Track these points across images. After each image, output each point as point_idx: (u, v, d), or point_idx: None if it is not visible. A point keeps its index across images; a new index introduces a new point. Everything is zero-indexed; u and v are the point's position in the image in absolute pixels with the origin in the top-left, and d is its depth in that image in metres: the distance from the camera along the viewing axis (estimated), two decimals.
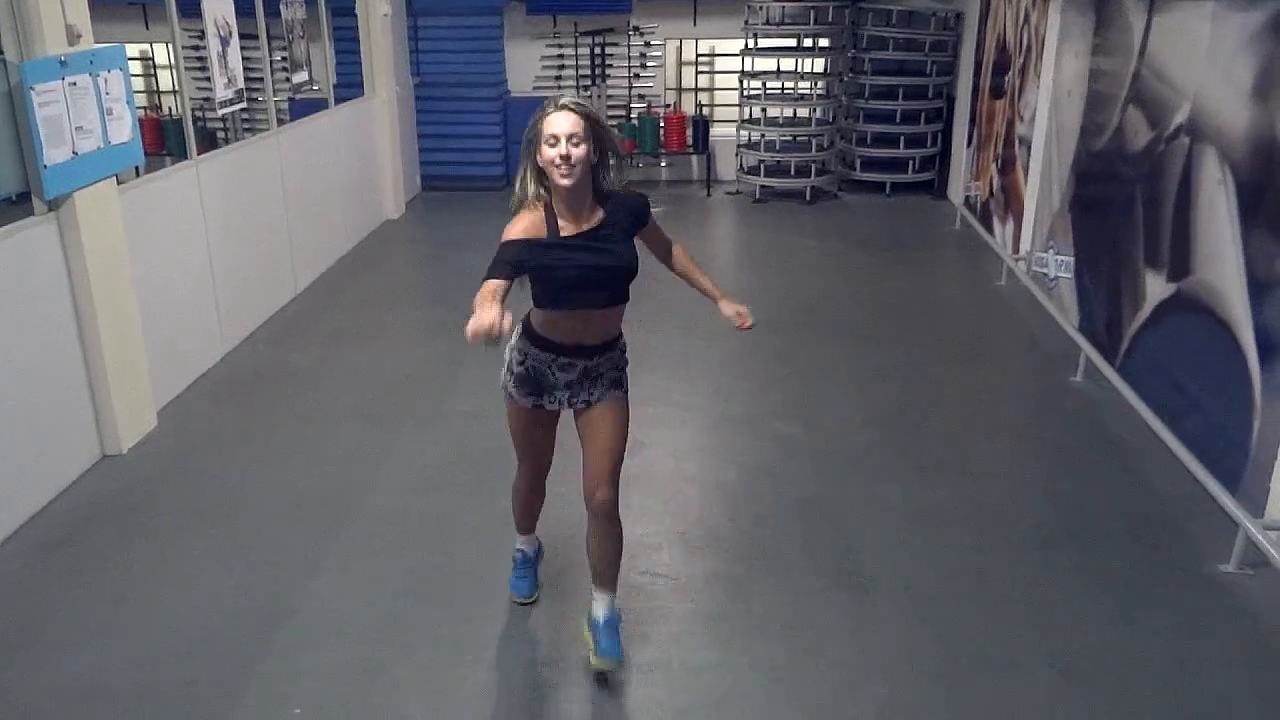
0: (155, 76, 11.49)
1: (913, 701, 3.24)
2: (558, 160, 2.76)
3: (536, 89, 10.99)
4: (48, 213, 4.45)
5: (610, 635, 3.18)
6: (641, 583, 3.79)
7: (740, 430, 5.21)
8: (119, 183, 4.93)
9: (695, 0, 10.74)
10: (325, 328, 6.75)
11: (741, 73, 10.46)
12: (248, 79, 6.84)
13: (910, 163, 10.43)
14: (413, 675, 3.36)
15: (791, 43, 10.36)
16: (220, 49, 6.27)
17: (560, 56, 10.95)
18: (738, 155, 10.67)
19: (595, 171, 2.90)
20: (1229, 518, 3.99)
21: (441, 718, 3.19)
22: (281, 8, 7.80)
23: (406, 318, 7.24)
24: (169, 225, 5.60)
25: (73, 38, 4.43)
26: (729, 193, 10.76)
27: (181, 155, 6.05)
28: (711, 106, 11.28)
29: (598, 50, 10.78)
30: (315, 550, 4.07)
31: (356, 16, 9.14)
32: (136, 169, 5.46)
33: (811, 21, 10.04)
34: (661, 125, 10.77)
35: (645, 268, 3.11)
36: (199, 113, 7.83)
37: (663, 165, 11.21)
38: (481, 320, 2.45)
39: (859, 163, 10.62)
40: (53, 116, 4.29)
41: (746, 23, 10.21)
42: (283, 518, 4.34)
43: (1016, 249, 7.61)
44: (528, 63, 10.98)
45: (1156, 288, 5.08)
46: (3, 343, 4.16)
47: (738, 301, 3.26)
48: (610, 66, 10.90)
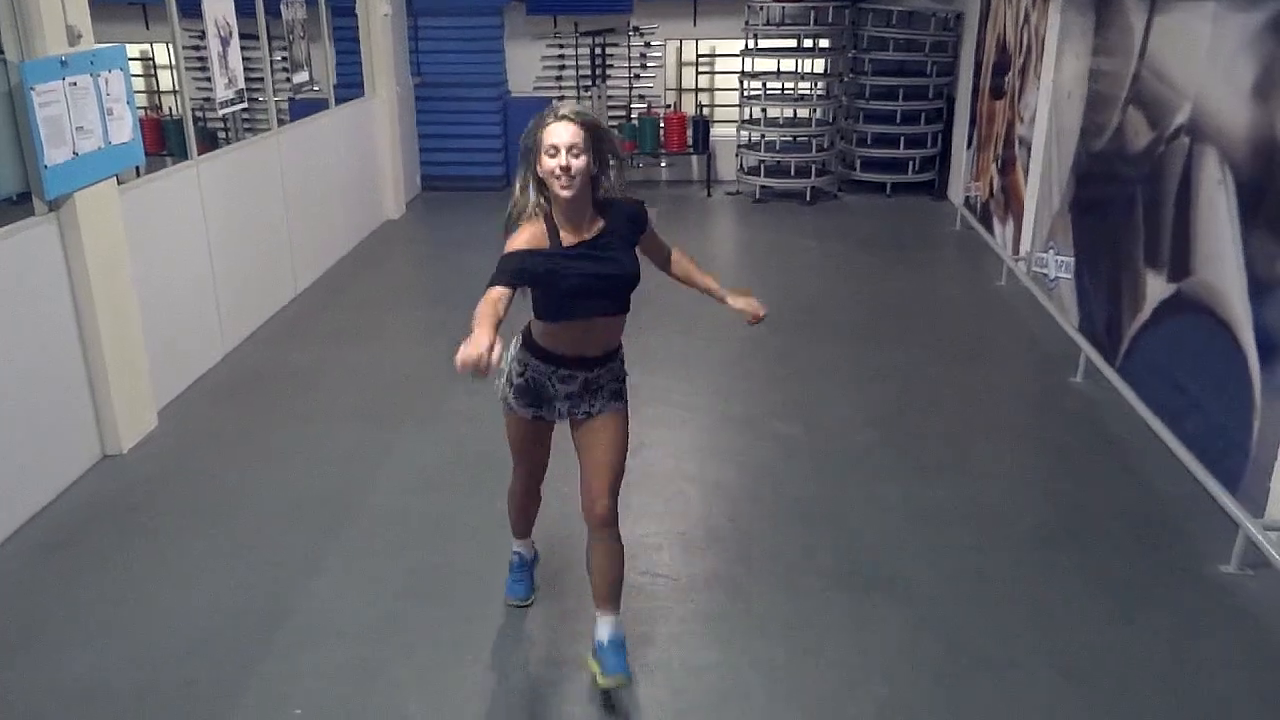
0: (156, 76, 11.49)
1: (913, 701, 3.24)
2: (558, 172, 2.74)
3: (537, 89, 11.01)
4: (48, 213, 4.46)
5: (616, 653, 3.09)
6: (641, 583, 3.79)
7: (740, 430, 5.21)
8: (119, 183, 4.94)
9: (695, 1, 10.74)
10: (325, 328, 6.76)
11: (742, 73, 10.46)
12: (248, 79, 6.84)
13: (910, 163, 10.43)
14: (413, 675, 3.36)
15: (792, 43, 10.37)
16: (221, 49, 6.27)
17: (560, 57, 10.96)
18: (738, 156, 10.67)
19: (594, 181, 2.88)
20: (1229, 518, 3.99)
21: (441, 718, 3.20)
22: (282, 8, 7.80)
23: (406, 318, 7.24)
24: (169, 225, 5.60)
25: (73, 38, 4.43)
26: (729, 193, 10.76)
27: (182, 155, 6.05)
28: (712, 107, 11.29)
29: (598, 50, 10.79)
30: (315, 550, 4.07)
31: (357, 16, 9.15)
32: (137, 169, 5.46)
33: (812, 22, 10.05)
34: (662, 126, 10.77)
35: (644, 272, 3.10)
36: (199, 113, 7.82)
37: (663, 166, 11.21)
38: (469, 352, 2.40)
39: (859, 163, 10.62)
40: (53, 116, 4.29)
41: (747, 23, 10.21)
42: (283, 518, 4.34)
43: (1017, 249, 7.61)
44: (528, 63, 10.98)
45: (1157, 288, 5.08)
46: (3, 343, 4.17)
47: (742, 296, 3.24)
48: (610, 67, 10.91)
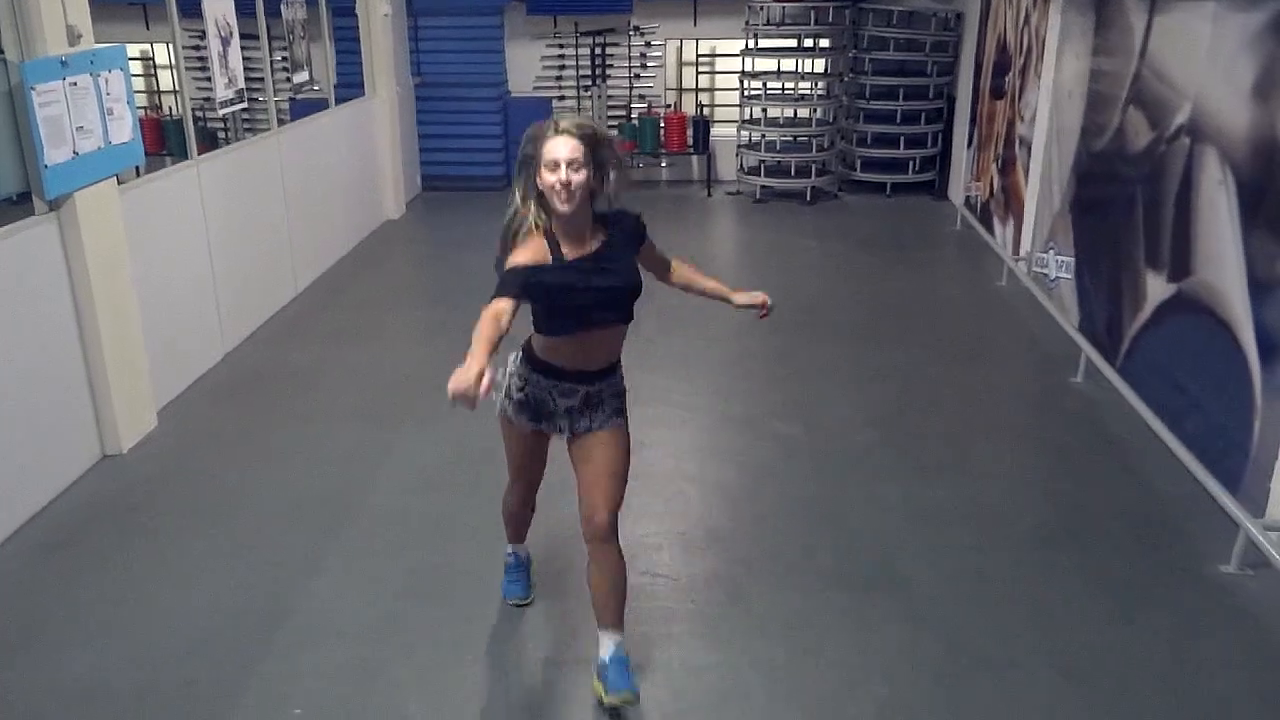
0: (156, 76, 11.50)
1: (913, 701, 3.24)
2: (558, 187, 2.73)
3: (537, 89, 11.01)
4: (48, 212, 4.46)
5: (620, 670, 3.06)
6: (641, 583, 3.79)
7: (740, 430, 5.21)
8: (119, 183, 4.94)
9: (696, 0, 10.74)
10: (325, 328, 6.75)
11: (742, 73, 10.46)
12: (248, 79, 6.84)
13: (911, 163, 10.43)
14: (413, 675, 3.36)
15: (792, 43, 10.37)
16: (221, 49, 6.27)
17: (561, 57, 10.95)
18: (738, 155, 10.67)
19: (593, 193, 2.85)
20: (1229, 518, 3.99)
21: (441, 718, 3.20)
22: (282, 8, 7.81)
23: (407, 318, 7.24)
24: (169, 225, 5.60)
25: (73, 38, 4.43)
26: (729, 193, 10.76)
27: (182, 155, 6.05)
28: (712, 107, 11.28)
29: (598, 50, 10.79)
30: (315, 550, 4.07)
31: (357, 16, 9.15)
32: (137, 169, 5.46)
33: (812, 22, 10.05)
34: (662, 125, 10.77)
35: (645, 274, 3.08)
36: (199, 113, 7.83)
37: (663, 165, 11.21)
38: (459, 382, 2.36)
39: (859, 163, 10.62)
40: (53, 116, 4.29)
41: (747, 23, 10.21)
42: (283, 518, 4.34)
43: (1017, 249, 7.61)
44: (528, 63, 10.98)
45: (1157, 288, 5.08)
46: (3, 343, 4.16)
47: (746, 292, 3.24)
48: (611, 67, 10.91)
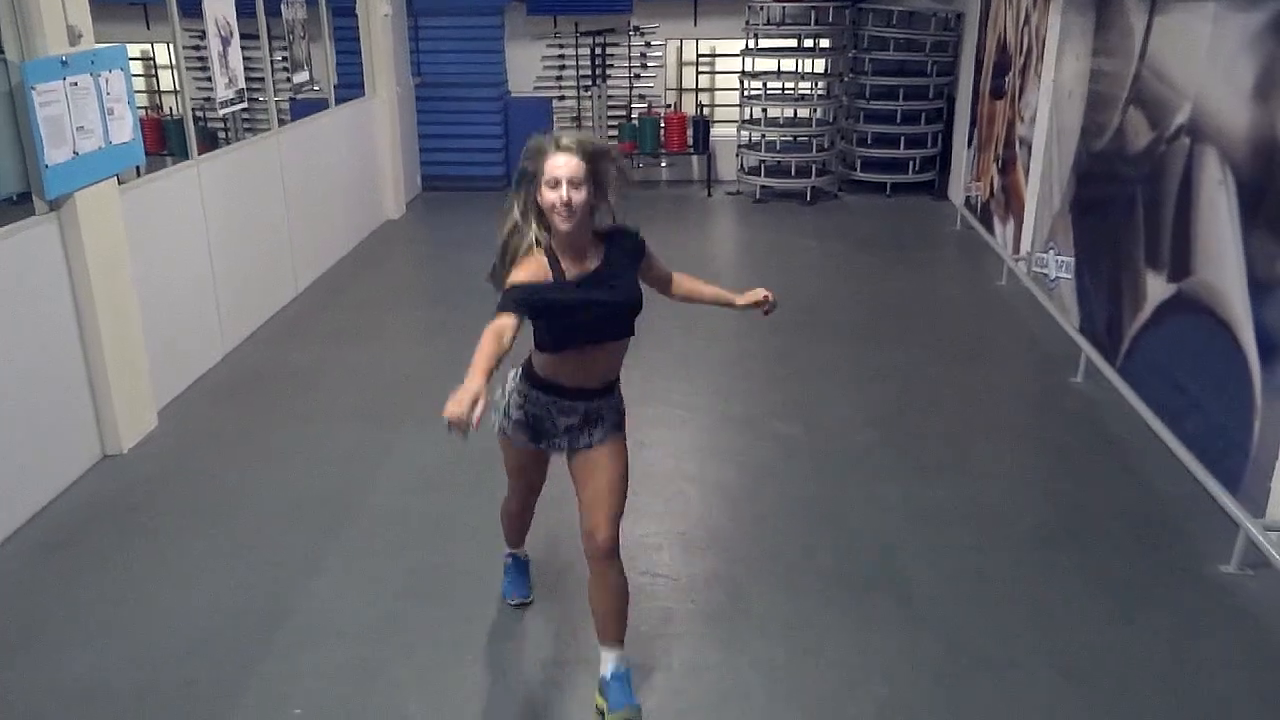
0: (156, 76, 11.50)
1: (913, 701, 3.24)
2: (558, 205, 2.72)
3: (537, 89, 11.01)
4: (49, 212, 4.46)
5: (622, 687, 3.07)
6: (642, 583, 3.79)
7: (740, 430, 5.21)
8: (120, 182, 4.94)
9: (696, 0, 10.74)
10: (326, 328, 6.76)
11: (742, 73, 10.46)
12: (248, 79, 6.85)
13: (911, 163, 10.43)
14: (413, 675, 3.36)
15: (792, 43, 10.37)
16: (221, 49, 6.27)
17: (561, 57, 10.96)
18: (738, 155, 10.67)
19: (593, 209, 2.83)
20: (1229, 518, 3.99)
21: (441, 718, 3.20)
22: (282, 8, 7.81)
23: (407, 318, 7.25)
24: (170, 225, 5.61)
25: (74, 38, 4.43)
26: (729, 193, 10.76)
27: (182, 155, 6.05)
28: (712, 107, 11.29)
29: (598, 50, 10.79)
30: (315, 550, 4.07)
31: (357, 16, 9.15)
32: (137, 169, 5.46)
33: (812, 22, 10.05)
34: (662, 125, 10.77)
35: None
36: (200, 113, 7.83)
37: (663, 165, 11.21)
38: (454, 408, 2.36)
39: (859, 163, 10.62)
40: (54, 116, 4.29)
41: (747, 23, 10.21)
42: (283, 518, 4.34)
43: (1017, 249, 7.61)
44: (528, 63, 10.99)
45: (1157, 288, 5.08)
46: (3, 343, 4.17)
47: (749, 292, 3.24)
48: (611, 67, 10.91)
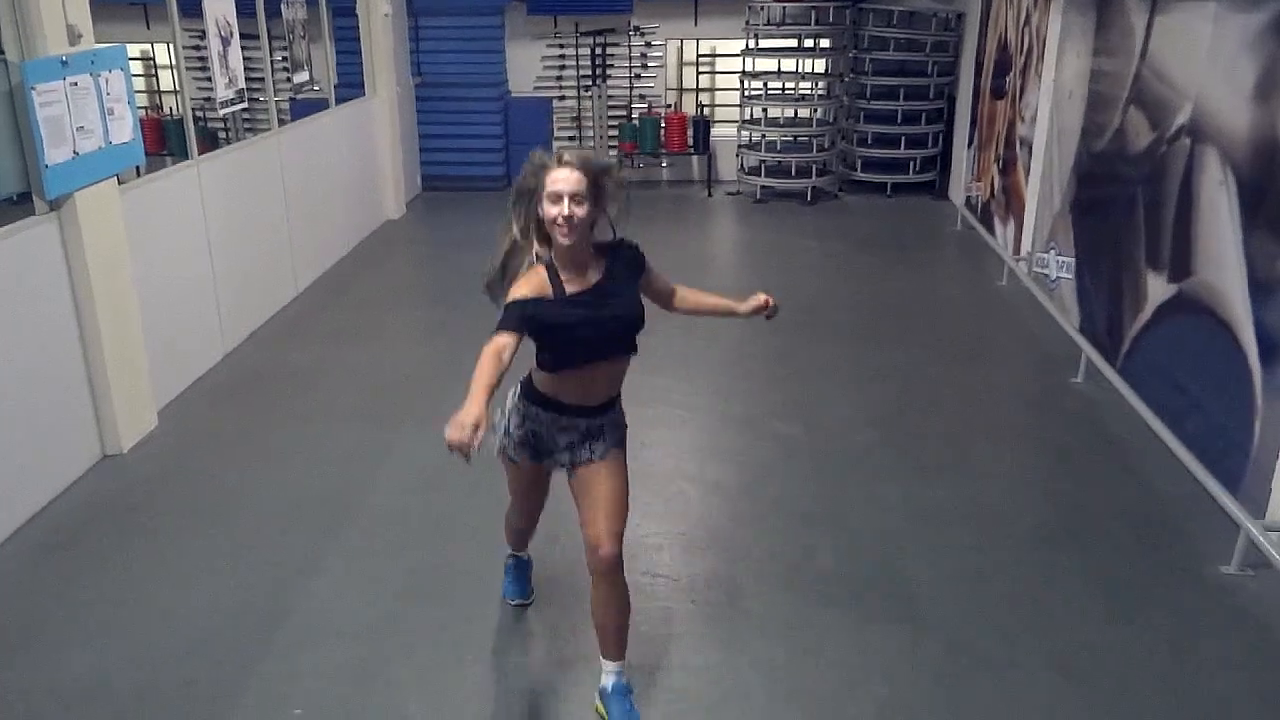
0: (156, 76, 11.50)
1: (913, 701, 3.24)
2: (560, 220, 2.72)
3: (537, 89, 11.01)
4: (49, 212, 4.46)
5: (621, 700, 3.08)
6: (642, 583, 3.79)
7: (740, 430, 5.20)
8: (120, 182, 4.94)
9: (696, 0, 10.74)
10: (326, 328, 6.75)
11: (742, 73, 10.46)
12: (248, 79, 6.85)
13: (911, 163, 10.43)
14: (413, 675, 3.36)
15: (792, 43, 10.37)
16: (221, 49, 6.27)
17: (561, 57, 10.96)
18: (738, 156, 10.67)
19: (593, 224, 2.84)
20: (1230, 519, 3.99)
21: (441, 718, 3.20)
22: (282, 7, 7.81)
23: (407, 318, 7.25)
24: (170, 225, 5.61)
25: (74, 38, 4.43)
26: (730, 193, 10.76)
27: (182, 155, 6.05)
28: (712, 107, 11.29)
29: (598, 50, 10.79)
30: (315, 550, 4.07)
31: (357, 16, 9.15)
32: (137, 169, 5.46)
33: (812, 22, 10.05)
34: (662, 125, 10.77)
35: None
36: (200, 113, 7.83)
37: (663, 166, 11.21)
38: (455, 435, 2.39)
39: (860, 163, 10.62)
40: (54, 116, 4.29)
41: (747, 23, 10.21)
42: (283, 518, 4.34)
43: (1017, 250, 7.60)
44: (528, 63, 10.99)
45: (1157, 289, 5.08)
46: (3, 343, 4.17)
47: (751, 299, 3.22)
48: (611, 67, 10.91)
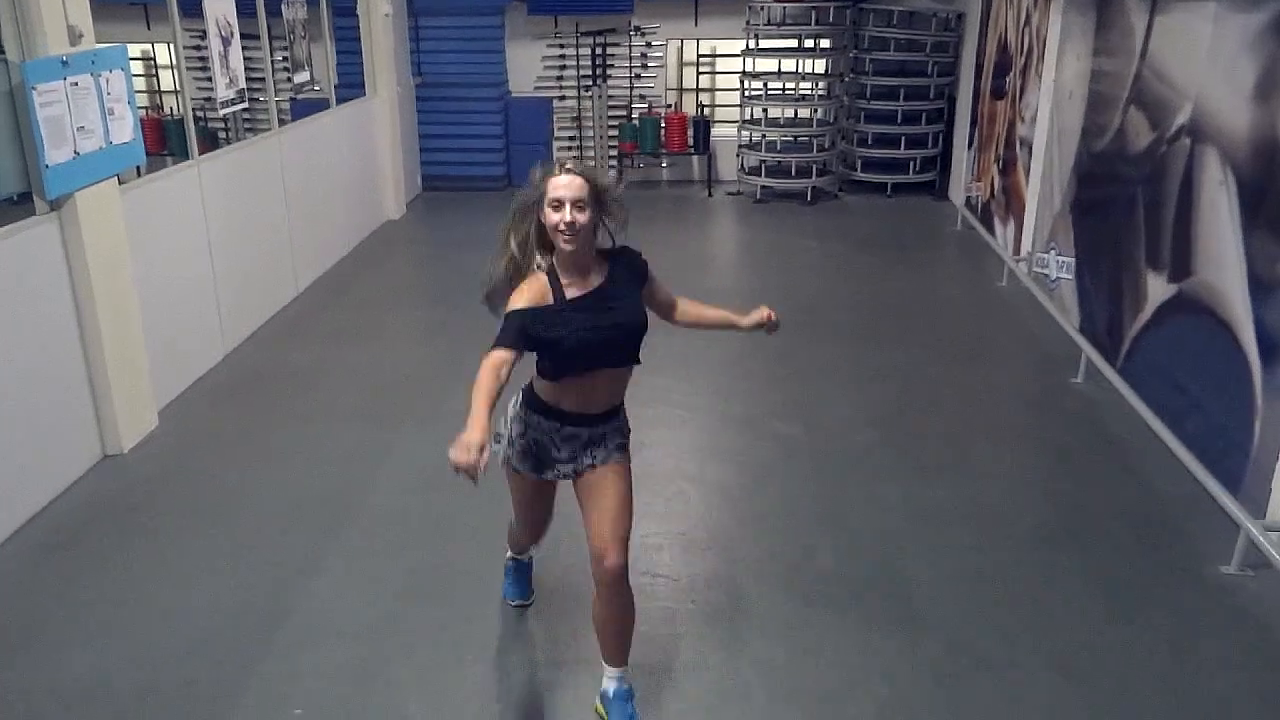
0: (157, 76, 11.50)
1: (913, 701, 3.24)
2: (562, 226, 2.73)
3: (538, 89, 11.02)
4: (49, 212, 4.46)
5: (623, 704, 3.08)
6: (642, 583, 3.79)
7: (740, 430, 5.21)
8: (120, 182, 4.94)
9: (696, 1, 10.74)
10: (326, 328, 6.76)
11: (743, 73, 10.46)
12: (249, 79, 6.85)
13: (911, 163, 10.43)
14: (413, 675, 3.36)
15: (793, 43, 10.37)
16: (222, 49, 6.27)
17: (561, 57, 10.96)
18: (739, 156, 10.67)
19: (595, 229, 2.84)
20: (1230, 519, 3.99)
21: (441, 718, 3.20)
22: (283, 8, 7.81)
23: (407, 318, 7.25)
24: (170, 225, 5.61)
25: (74, 38, 4.44)
26: (730, 193, 10.76)
27: (183, 155, 6.05)
28: (713, 107, 11.29)
29: (599, 50, 10.79)
30: (315, 550, 4.08)
31: (358, 16, 9.15)
32: (138, 169, 5.46)
33: (813, 22, 10.06)
34: (663, 126, 10.77)
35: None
36: (200, 113, 7.82)
37: (664, 166, 11.21)
38: (460, 455, 2.40)
39: (860, 163, 10.62)
40: (54, 116, 4.29)
41: (748, 23, 10.21)
42: (283, 518, 4.34)
43: (1018, 250, 7.60)
44: (529, 63, 10.99)
45: (1158, 289, 5.08)
46: (3, 342, 4.17)
47: (754, 312, 3.18)
48: (611, 67, 10.91)
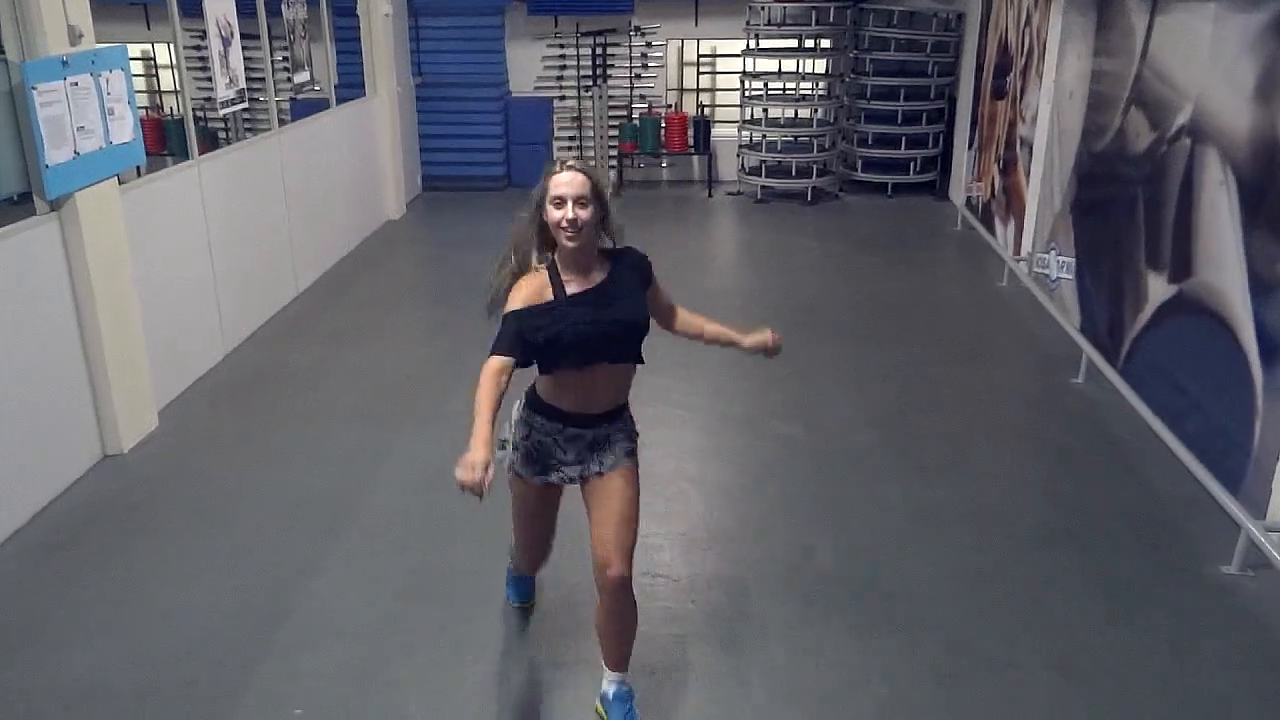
0: (157, 76, 11.50)
1: (913, 701, 3.24)
2: (564, 224, 2.72)
3: (538, 89, 11.02)
4: (49, 212, 4.46)
5: (622, 705, 3.08)
6: (643, 583, 3.78)
7: (740, 430, 5.20)
8: (120, 182, 4.94)
9: (697, 1, 10.74)
10: (326, 328, 6.76)
11: (743, 73, 10.46)
12: (249, 79, 6.85)
13: (912, 164, 10.42)
14: (413, 675, 3.36)
15: (793, 43, 10.37)
16: (222, 49, 6.27)
17: (562, 57, 10.96)
18: (739, 156, 10.67)
19: (597, 231, 2.84)
20: (1230, 519, 3.99)
21: (441, 718, 3.20)
22: (283, 8, 7.81)
23: (407, 318, 7.24)
24: (170, 225, 5.61)
25: (74, 38, 4.44)
26: (730, 193, 10.76)
27: (183, 155, 6.05)
28: (713, 107, 11.29)
29: (599, 50, 10.79)
30: (315, 550, 4.08)
31: (358, 16, 9.15)
32: (138, 169, 5.47)
33: (813, 22, 10.06)
34: (663, 126, 10.77)
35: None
36: (200, 113, 7.83)
37: (664, 166, 11.21)
38: (465, 477, 2.45)
39: (860, 163, 10.62)
40: (54, 116, 4.29)
41: (748, 23, 10.21)
42: (283, 518, 4.34)
43: (1018, 250, 7.60)
44: (529, 63, 10.99)
45: (1158, 289, 5.08)
46: (4, 343, 4.17)
47: (756, 331, 3.18)
48: (612, 67, 10.91)
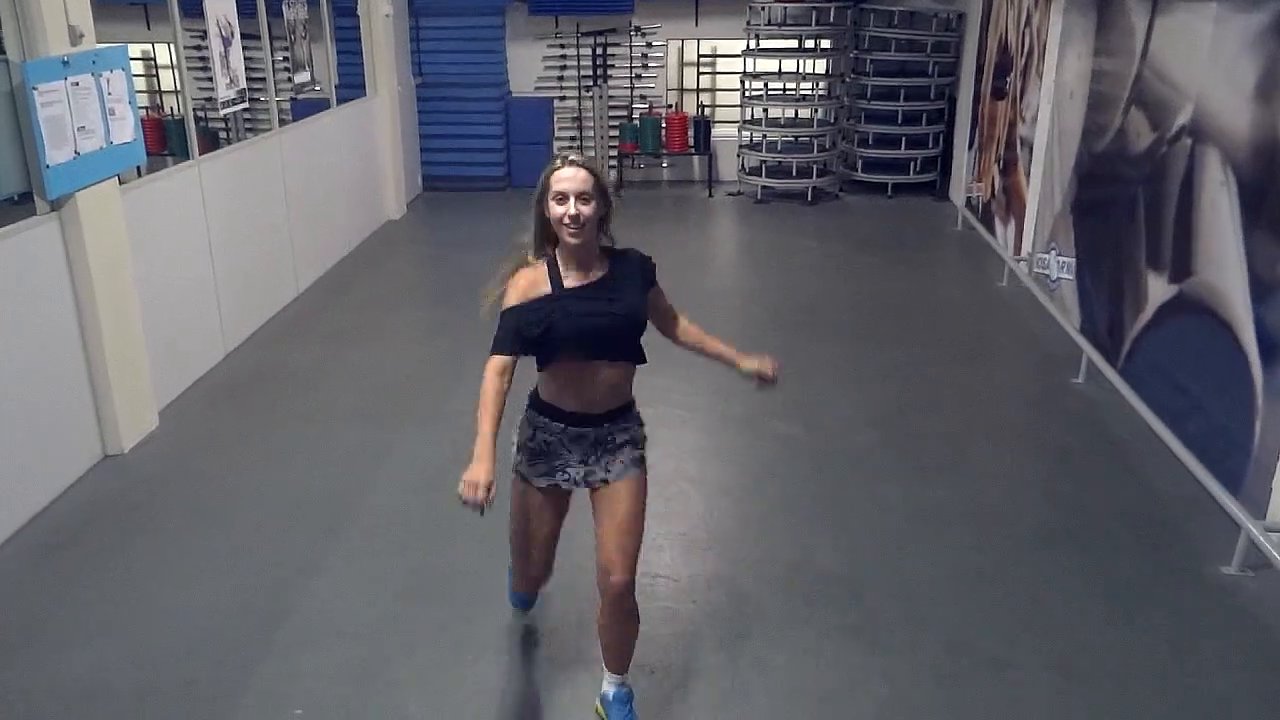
0: (157, 76, 11.51)
1: (913, 701, 3.24)
2: (566, 219, 2.71)
3: (538, 89, 11.02)
4: (50, 213, 4.46)
5: (623, 707, 3.09)
6: (643, 584, 3.76)
7: (740, 430, 5.21)
8: (121, 183, 4.94)
9: (697, 1, 10.75)
10: (326, 328, 6.76)
11: (743, 73, 10.46)
12: (250, 79, 6.85)
13: (912, 164, 10.42)
14: (413, 675, 3.36)
15: (793, 43, 10.37)
16: (222, 49, 6.28)
17: (562, 57, 10.96)
18: (739, 156, 10.67)
19: (599, 228, 2.83)
20: (1230, 519, 3.99)
21: (441, 718, 3.20)
22: (283, 8, 7.81)
23: (407, 318, 7.25)
24: (171, 225, 5.61)
25: (75, 38, 4.44)
26: (730, 193, 10.76)
27: (183, 155, 6.05)
28: (713, 107, 11.29)
29: (599, 51, 10.79)
30: (315, 550, 4.08)
31: (358, 17, 9.15)
32: (139, 169, 5.47)
33: (813, 22, 10.06)
34: (663, 126, 10.77)
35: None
36: (201, 113, 7.81)
37: (664, 166, 11.21)
38: (469, 494, 2.57)
39: (860, 164, 10.62)
40: (55, 116, 4.29)
41: (748, 23, 10.21)
42: (283, 518, 4.34)
43: (1018, 250, 7.60)
44: (529, 63, 10.99)
45: (1158, 289, 5.07)
46: (4, 343, 4.17)
47: (756, 356, 3.16)
48: (612, 67, 10.91)
